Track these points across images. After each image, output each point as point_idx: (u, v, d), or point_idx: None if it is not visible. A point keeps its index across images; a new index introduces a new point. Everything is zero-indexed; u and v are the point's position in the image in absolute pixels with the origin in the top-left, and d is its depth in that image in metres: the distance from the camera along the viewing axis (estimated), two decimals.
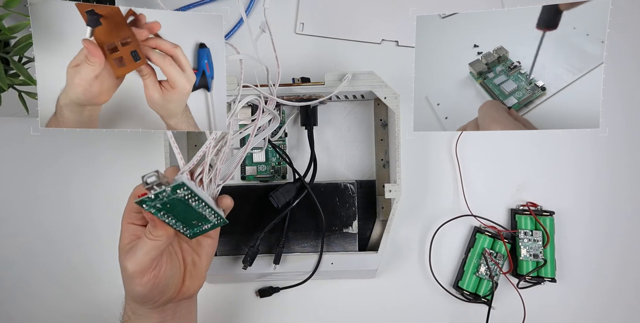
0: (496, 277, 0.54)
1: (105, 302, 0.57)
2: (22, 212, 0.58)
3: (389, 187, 0.50)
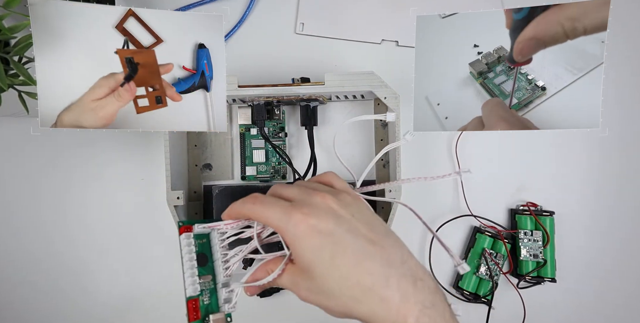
0: (496, 277, 0.54)
1: (105, 301, 0.57)
2: (22, 212, 0.58)
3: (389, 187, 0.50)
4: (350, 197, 0.33)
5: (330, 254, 0.29)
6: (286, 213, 0.30)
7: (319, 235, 0.29)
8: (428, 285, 0.29)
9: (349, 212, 0.31)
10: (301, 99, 0.53)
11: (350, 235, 0.30)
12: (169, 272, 0.57)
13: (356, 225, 0.31)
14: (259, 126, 0.54)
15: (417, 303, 0.28)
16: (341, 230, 0.30)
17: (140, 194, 0.58)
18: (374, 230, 0.31)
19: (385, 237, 0.31)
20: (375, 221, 0.32)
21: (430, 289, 0.29)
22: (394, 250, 0.30)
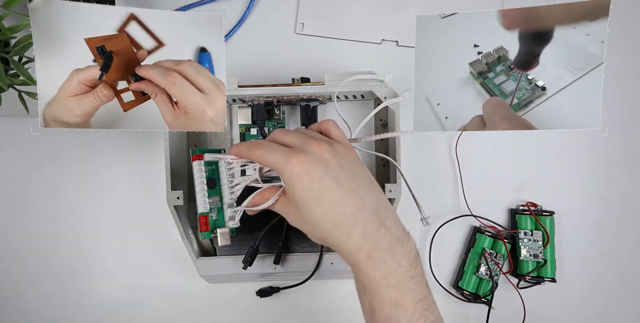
0: (496, 277, 0.54)
1: (105, 301, 0.57)
2: (22, 212, 0.58)
3: (389, 187, 0.50)
4: (343, 147, 0.37)
5: (317, 195, 0.35)
6: (285, 158, 0.35)
7: (310, 178, 0.35)
8: (391, 232, 0.35)
9: (338, 162, 0.36)
10: (301, 99, 0.53)
11: (334, 182, 0.35)
12: (170, 272, 0.57)
13: (342, 174, 0.35)
14: (259, 126, 0.54)
15: (373, 243, 0.34)
16: (328, 177, 0.35)
17: (140, 194, 0.58)
18: (356, 180, 0.36)
19: (364, 189, 0.36)
20: (360, 172, 0.37)
21: (392, 236, 0.35)
22: (368, 200, 0.36)
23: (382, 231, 0.35)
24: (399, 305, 0.34)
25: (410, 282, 0.34)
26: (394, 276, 0.34)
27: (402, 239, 0.36)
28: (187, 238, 0.51)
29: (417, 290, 0.35)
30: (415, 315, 0.34)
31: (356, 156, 0.38)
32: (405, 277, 0.34)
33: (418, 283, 0.35)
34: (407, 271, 0.35)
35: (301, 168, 0.35)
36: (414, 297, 0.34)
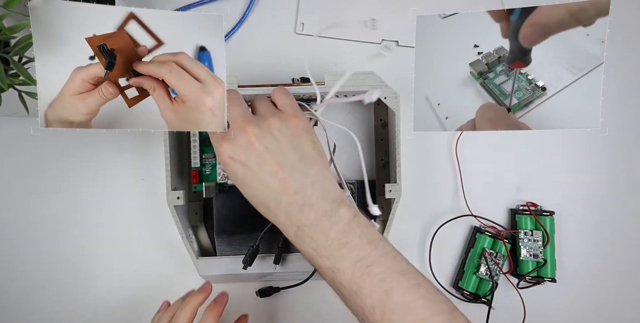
0: (496, 277, 0.54)
1: (105, 301, 0.57)
2: (22, 212, 0.58)
3: (389, 187, 0.50)
4: (279, 121, 0.38)
5: (243, 180, 0.38)
6: (216, 144, 0.38)
7: (235, 164, 0.37)
8: (316, 208, 0.37)
9: (264, 145, 0.37)
10: (301, 99, 0.53)
11: (257, 167, 0.37)
12: (170, 272, 0.57)
13: (266, 158, 0.37)
14: None
15: (297, 222, 0.37)
16: (251, 162, 0.37)
17: (140, 194, 0.58)
18: (282, 161, 0.37)
19: (289, 169, 0.37)
20: (288, 150, 0.38)
21: (318, 211, 0.37)
22: (291, 182, 0.37)
23: (305, 209, 0.37)
24: (335, 271, 0.36)
25: (343, 249, 0.36)
26: (324, 248, 0.36)
27: (330, 211, 0.37)
28: (187, 238, 0.51)
29: (353, 253, 0.36)
30: (356, 275, 0.36)
31: (295, 128, 0.39)
32: (336, 246, 0.36)
33: (354, 247, 0.36)
34: (337, 241, 0.36)
35: (225, 155, 0.37)
36: (349, 261, 0.36)
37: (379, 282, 0.35)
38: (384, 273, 0.36)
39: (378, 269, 0.36)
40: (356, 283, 0.36)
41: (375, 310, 0.35)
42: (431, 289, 0.36)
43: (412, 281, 0.36)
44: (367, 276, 0.36)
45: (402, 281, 0.36)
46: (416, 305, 0.35)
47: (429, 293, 0.36)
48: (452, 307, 0.36)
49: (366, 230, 0.37)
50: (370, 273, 0.36)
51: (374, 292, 0.35)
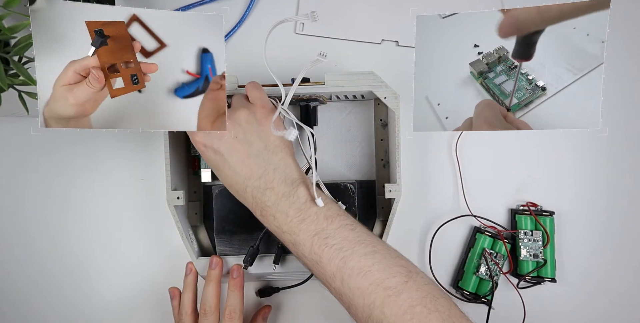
0: (496, 277, 0.54)
1: (105, 300, 0.57)
2: (22, 211, 0.58)
3: (389, 187, 0.50)
4: (247, 114, 0.43)
5: (215, 166, 0.43)
6: (191, 133, 0.44)
7: (208, 151, 0.43)
8: (277, 191, 0.41)
9: (233, 134, 0.42)
10: (301, 99, 0.53)
11: (227, 154, 0.42)
12: (170, 272, 0.57)
13: (235, 146, 0.42)
14: None
15: (261, 203, 0.42)
16: (222, 150, 0.42)
17: (140, 194, 0.58)
18: (249, 149, 0.42)
19: (254, 157, 0.42)
20: (254, 139, 0.42)
21: (279, 194, 0.41)
22: (255, 168, 0.42)
23: (267, 192, 0.42)
24: (296, 244, 0.41)
25: (302, 224, 0.40)
26: (285, 224, 0.41)
27: (288, 193, 0.42)
28: (187, 238, 0.51)
29: (311, 228, 0.40)
30: (314, 246, 0.40)
31: (262, 119, 0.43)
32: (295, 222, 0.41)
33: (311, 222, 0.40)
34: (296, 217, 0.41)
35: (200, 143, 0.43)
36: (307, 234, 0.40)
37: (336, 251, 0.39)
38: (340, 243, 0.39)
39: (334, 240, 0.40)
40: (315, 253, 0.40)
41: (335, 276, 0.39)
42: (389, 255, 0.40)
43: (368, 249, 0.39)
44: (324, 247, 0.39)
45: (358, 249, 0.39)
46: (372, 269, 0.38)
47: (385, 258, 0.39)
48: (411, 270, 0.39)
49: (323, 206, 0.41)
50: (327, 244, 0.39)
51: (332, 260, 0.39)
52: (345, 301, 0.39)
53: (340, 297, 0.40)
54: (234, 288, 0.49)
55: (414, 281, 0.38)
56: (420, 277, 0.39)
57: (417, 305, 0.36)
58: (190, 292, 0.51)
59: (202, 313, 0.48)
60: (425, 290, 0.38)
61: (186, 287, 0.51)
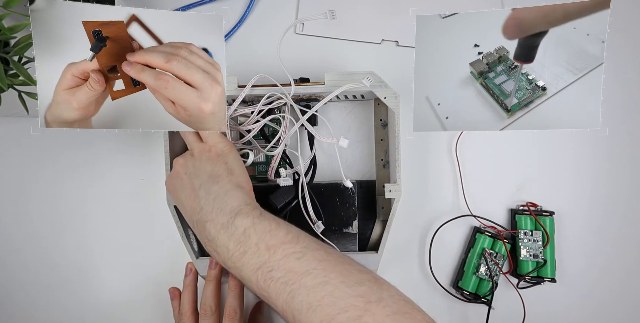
0: (496, 277, 0.54)
1: (106, 300, 0.57)
2: (23, 211, 0.58)
3: (389, 187, 0.50)
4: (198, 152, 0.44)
5: (174, 197, 0.46)
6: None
7: (169, 186, 0.46)
8: (215, 222, 0.39)
9: (187, 172, 0.43)
10: (301, 99, 0.53)
11: (179, 190, 0.44)
12: (170, 272, 0.57)
13: (185, 182, 0.43)
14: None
15: (204, 238, 0.40)
16: (175, 186, 0.45)
17: (140, 194, 0.58)
18: (195, 183, 0.42)
19: (198, 189, 0.42)
20: (201, 173, 0.43)
21: (217, 225, 0.39)
22: (198, 200, 0.41)
23: (207, 225, 0.40)
24: (243, 280, 0.39)
25: (243, 257, 0.38)
26: (228, 260, 0.39)
27: (227, 223, 0.39)
28: (187, 238, 0.51)
29: (253, 260, 0.37)
30: (260, 281, 0.37)
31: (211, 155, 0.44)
32: (237, 256, 0.38)
33: (253, 254, 0.37)
34: (237, 251, 0.38)
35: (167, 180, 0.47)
36: (251, 268, 0.37)
37: (282, 285, 0.36)
38: (286, 276, 0.36)
39: (279, 273, 0.36)
40: (263, 289, 0.37)
41: (285, 312, 0.36)
42: (344, 284, 0.35)
43: (317, 280, 0.35)
44: (270, 281, 0.36)
45: (305, 281, 0.35)
46: (321, 303, 0.34)
47: (338, 289, 0.34)
48: (370, 299, 0.34)
49: (265, 235, 0.38)
50: (273, 277, 0.36)
51: (280, 295, 0.36)
52: None
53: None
54: (234, 288, 0.49)
55: (370, 315, 0.33)
56: (382, 307, 0.33)
57: None
58: (190, 292, 0.50)
59: (202, 314, 0.48)
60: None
61: (186, 287, 0.51)
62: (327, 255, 0.37)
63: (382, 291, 0.35)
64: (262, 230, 0.38)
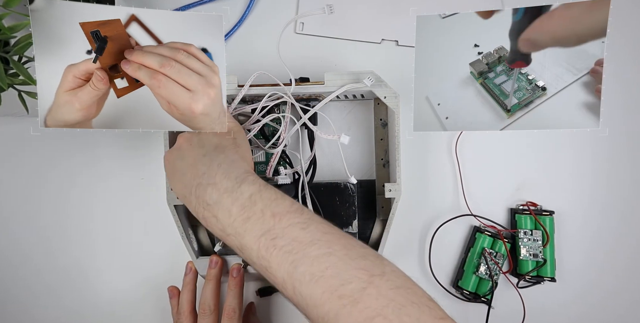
0: (496, 277, 0.54)
1: (101, 301, 0.57)
2: (23, 212, 0.58)
3: (389, 186, 0.50)
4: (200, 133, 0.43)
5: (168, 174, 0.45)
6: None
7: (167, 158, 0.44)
8: (219, 187, 0.38)
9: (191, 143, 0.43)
10: (301, 99, 0.53)
11: (179, 161, 0.42)
12: (170, 272, 0.57)
13: (188, 153, 0.42)
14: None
15: (203, 202, 0.39)
16: (172, 161, 0.43)
17: (140, 194, 0.58)
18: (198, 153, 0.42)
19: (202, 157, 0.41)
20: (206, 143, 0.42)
21: (220, 189, 0.38)
22: (200, 166, 0.40)
23: (209, 188, 0.38)
24: (243, 249, 0.37)
25: (246, 223, 0.36)
26: (228, 225, 0.37)
27: (231, 188, 0.38)
28: (187, 238, 0.51)
29: (257, 227, 0.36)
30: (262, 249, 0.35)
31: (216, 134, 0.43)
32: (239, 222, 0.36)
33: (257, 220, 0.36)
34: (240, 216, 0.37)
35: (164, 156, 0.45)
36: (253, 235, 0.36)
37: (285, 254, 0.34)
38: (290, 244, 0.34)
39: (283, 241, 0.35)
40: (264, 257, 0.35)
41: (286, 283, 0.34)
42: (347, 257, 0.34)
43: (322, 250, 0.34)
44: (272, 249, 0.35)
45: (309, 251, 0.34)
46: (324, 274, 0.33)
47: (342, 260, 0.34)
48: (374, 273, 0.33)
49: (271, 203, 0.37)
50: (276, 245, 0.35)
51: (281, 265, 0.34)
52: (301, 310, 0.35)
53: (296, 306, 0.35)
54: (234, 287, 0.49)
55: (374, 287, 0.32)
56: (386, 280, 0.33)
57: (376, 316, 0.31)
58: (189, 291, 0.50)
59: (201, 313, 0.48)
60: (389, 297, 0.32)
61: (185, 286, 0.51)
62: (330, 228, 0.37)
63: (384, 266, 0.34)
64: (268, 198, 0.37)
